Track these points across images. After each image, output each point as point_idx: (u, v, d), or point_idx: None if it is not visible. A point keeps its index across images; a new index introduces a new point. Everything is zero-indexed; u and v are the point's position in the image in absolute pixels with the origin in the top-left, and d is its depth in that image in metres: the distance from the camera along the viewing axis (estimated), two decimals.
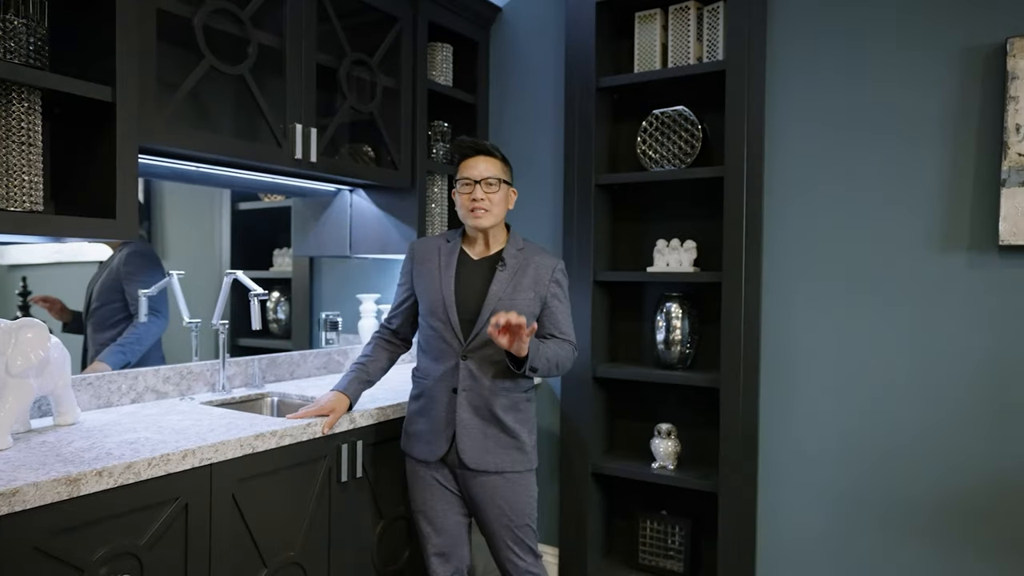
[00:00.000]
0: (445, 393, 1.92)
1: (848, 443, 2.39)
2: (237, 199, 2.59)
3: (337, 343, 2.83)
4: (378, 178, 2.54)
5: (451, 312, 1.91)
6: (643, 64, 2.71)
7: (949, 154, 2.20)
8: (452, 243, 2.01)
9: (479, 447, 1.90)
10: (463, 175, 1.95)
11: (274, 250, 2.83)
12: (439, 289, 1.94)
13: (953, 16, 2.18)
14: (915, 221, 2.26)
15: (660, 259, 2.70)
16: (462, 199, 1.95)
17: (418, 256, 2.02)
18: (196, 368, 2.24)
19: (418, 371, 2.02)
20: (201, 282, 2.42)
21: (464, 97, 2.93)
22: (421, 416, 1.97)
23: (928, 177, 2.24)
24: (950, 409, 2.21)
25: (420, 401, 1.99)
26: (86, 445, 1.58)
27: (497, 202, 1.94)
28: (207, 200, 2.53)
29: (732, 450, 2.44)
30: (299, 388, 2.40)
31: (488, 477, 1.92)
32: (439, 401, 1.93)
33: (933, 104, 2.22)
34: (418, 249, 2.04)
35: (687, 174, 2.56)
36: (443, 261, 1.97)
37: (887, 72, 2.30)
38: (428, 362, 1.97)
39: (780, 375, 2.51)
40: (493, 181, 1.93)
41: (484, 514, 1.96)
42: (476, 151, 1.97)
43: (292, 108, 2.16)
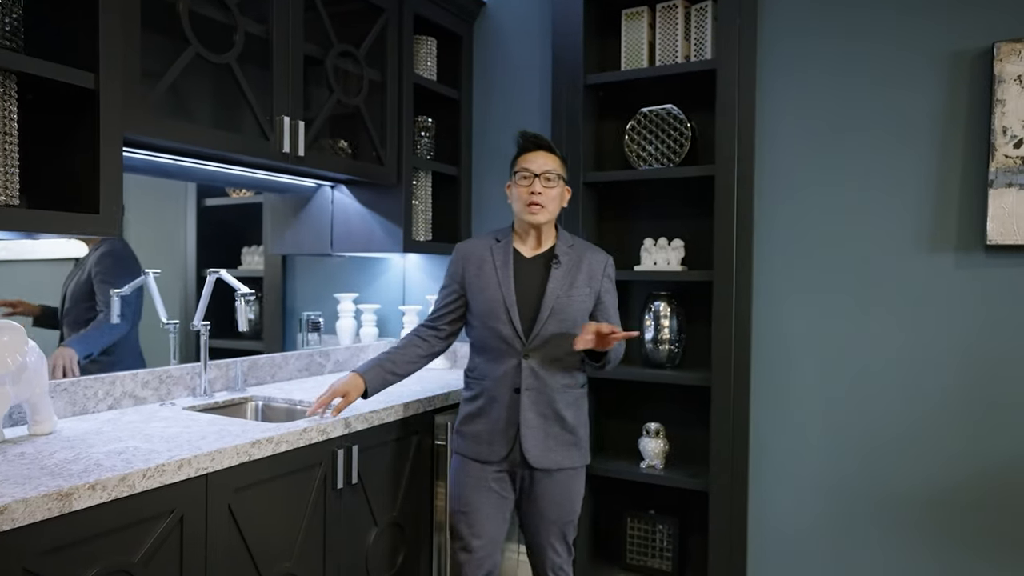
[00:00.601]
0: (507, 393, 1.91)
1: (838, 440, 2.43)
2: (203, 195, 2.49)
3: (319, 344, 2.74)
4: (365, 174, 2.46)
5: (512, 312, 1.90)
6: (630, 62, 2.69)
7: (937, 155, 2.24)
8: (503, 242, 1.99)
9: (542, 446, 1.91)
10: (522, 167, 1.93)
11: (243, 248, 2.73)
12: (498, 289, 1.92)
13: (942, 18, 2.23)
14: (904, 221, 2.30)
15: (647, 258, 2.69)
16: (519, 191, 1.93)
17: (469, 258, 1.99)
18: (176, 372, 2.13)
19: (473, 372, 2.01)
20: (165, 281, 2.31)
21: (448, 92, 2.87)
22: (480, 417, 1.95)
23: (917, 177, 2.28)
24: (939, 406, 2.26)
25: (478, 402, 1.96)
26: (71, 456, 1.47)
27: (553, 198, 1.94)
28: (171, 196, 2.41)
29: (723, 449, 2.45)
30: (283, 391, 2.31)
31: (548, 475, 1.93)
32: (500, 401, 1.91)
33: (922, 105, 2.26)
34: (467, 251, 2.01)
35: (677, 173, 2.55)
36: (499, 261, 1.95)
37: (877, 72, 2.34)
38: (486, 363, 1.95)
39: (770, 373, 2.53)
40: (552, 176, 1.92)
41: (536, 512, 1.96)
42: (537, 145, 1.96)
43: (279, 100, 2.07)
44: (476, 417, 1.96)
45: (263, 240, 2.75)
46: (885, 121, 2.33)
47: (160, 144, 1.85)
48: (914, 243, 2.28)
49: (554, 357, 1.91)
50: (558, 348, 1.90)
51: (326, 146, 2.53)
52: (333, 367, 2.75)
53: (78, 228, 1.56)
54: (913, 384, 2.30)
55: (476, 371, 1.99)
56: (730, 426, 2.44)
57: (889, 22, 2.32)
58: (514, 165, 1.97)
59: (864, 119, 2.36)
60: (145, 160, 2.04)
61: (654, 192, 2.77)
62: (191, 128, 1.87)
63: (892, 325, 2.33)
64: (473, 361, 2.01)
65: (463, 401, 2.03)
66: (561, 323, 1.90)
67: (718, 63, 2.44)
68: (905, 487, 2.31)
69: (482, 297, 1.94)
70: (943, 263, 2.24)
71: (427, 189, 2.81)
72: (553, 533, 1.97)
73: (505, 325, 1.90)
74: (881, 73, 2.33)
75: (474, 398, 1.98)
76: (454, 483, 2.01)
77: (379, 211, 2.63)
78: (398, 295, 3.14)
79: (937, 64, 2.24)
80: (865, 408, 2.38)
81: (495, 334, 1.91)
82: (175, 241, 2.43)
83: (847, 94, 2.39)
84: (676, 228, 2.73)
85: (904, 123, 2.30)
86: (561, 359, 1.92)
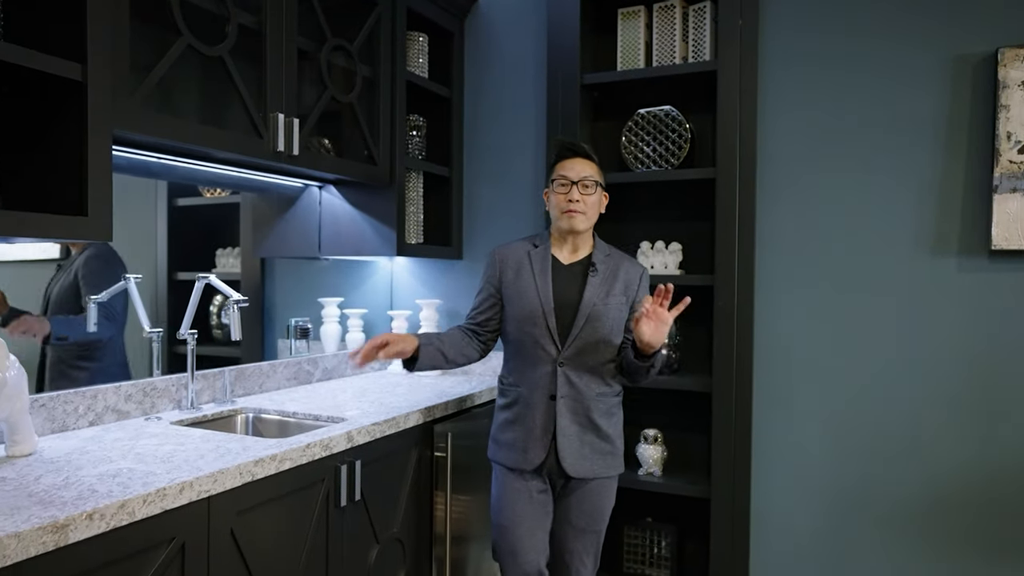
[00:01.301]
0: (542, 400, 1.89)
1: (841, 447, 2.42)
2: (175, 194, 2.36)
3: (307, 352, 2.62)
4: (358, 174, 2.36)
5: (550, 319, 1.88)
6: (626, 62, 2.65)
7: (941, 159, 2.24)
8: (541, 247, 1.97)
9: (577, 454, 1.88)
10: (561, 174, 1.92)
11: (217, 249, 2.61)
12: (536, 296, 1.90)
13: (946, 23, 2.23)
14: (907, 224, 2.30)
15: (644, 261, 2.64)
16: (557, 199, 1.91)
17: (506, 262, 1.97)
18: (160, 384, 2.00)
19: (508, 378, 1.98)
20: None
21: (439, 90, 2.78)
22: (515, 424, 1.93)
23: (920, 181, 2.28)
24: (942, 411, 2.26)
25: (513, 409, 1.93)
26: (59, 481, 1.35)
27: (591, 205, 1.93)
28: (141, 195, 2.28)
29: (725, 455, 2.42)
30: (273, 402, 2.20)
31: (583, 484, 1.91)
32: (536, 408, 1.89)
33: (926, 109, 2.26)
34: (505, 255, 1.98)
35: (677, 175, 2.52)
36: (537, 267, 1.93)
37: (881, 75, 2.34)
38: (521, 368, 1.93)
39: (771, 379, 2.51)
40: (590, 183, 1.91)
41: (569, 520, 1.94)
42: (575, 152, 1.94)
43: (273, 96, 1.96)
44: (512, 424, 1.93)
45: (240, 241, 2.63)
46: (888, 123, 2.33)
47: (149, 141, 1.73)
48: (917, 247, 2.28)
49: (589, 365, 1.89)
50: (593, 356, 1.89)
51: (313, 145, 2.42)
52: (322, 375, 2.64)
53: (65, 232, 1.44)
54: (916, 389, 2.30)
55: (511, 377, 1.96)
56: (732, 433, 2.41)
57: (893, 23, 2.31)
58: (551, 172, 1.96)
59: (867, 121, 2.36)
60: (128, 158, 1.91)
61: (651, 194, 2.73)
62: (181, 124, 1.75)
63: (894, 330, 2.32)
64: (507, 367, 1.98)
65: (498, 409, 2.00)
66: (597, 331, 1.89)
67: (720, 64, 2.41)
68: (909, 493, 2.31)
69: (519, 303, 1.92)
70: (946, 268, 2.24)
71: (419, 190, 2.72)
72: (582, 544, 1.94)
73: (542, 331, 1.88)
74: (885, 75, 2.33)
75: (509, 405, 1.95)
76: (496, 495, 1.97)
77: (370, 213, 2.53)
78: (385, 300, 3.04)
79: (941, 67, 2.24)
80: (868, 414, 2.37)
81: (531, 339, 1.89)
82: (145, 243, 2.29)
83: (850, 95, 2.38)
84: (673, 231, 2.69)
85: (908, 126, 2.29)
86: (596, 367, 1.91)
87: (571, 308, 1.89)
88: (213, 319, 2.65)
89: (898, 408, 2.33)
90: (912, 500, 2.31)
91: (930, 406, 2.28)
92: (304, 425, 2.04)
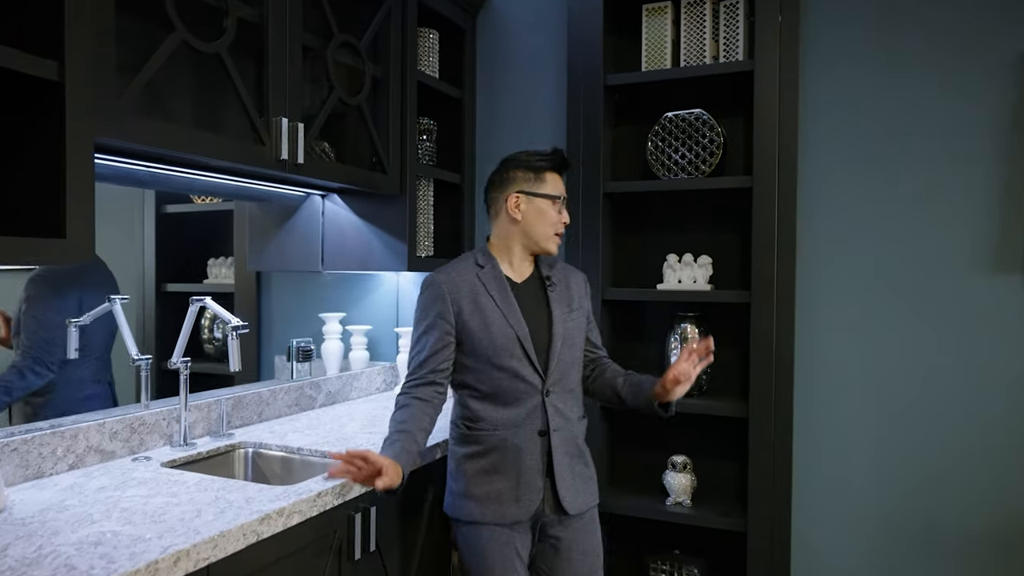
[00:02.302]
0: (530, 438, 1.67)
1: (889, 477, 2.24)
2: (163, 200, 2.17)
3: (309, 375, 2.42)
4: (368, 183, 2.16)
5: (527, 346, 1.67)
6: (651, 62, 2.46)
7: (1001, 168, 2.08)
8: (489, 268, 1.74)
9: (573, 487, 1.72)
10: (553, 192, 1.74)
11: (208, 259, 2.41)
12: (507, 324, 1.67)
13: (1008, 20, 2.06)
14: (964, 239, 2.13)
15: (671, 275, 2.46)
16: (552, 216, 1.74)
17: (458, 293, 1.69)
18: (149, 418, 1.80)
19: (477, 424, 1.69)
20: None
21: (450, 91, 2.59)
22: (496, 473, 1.67)
23: (979, 192, 2.11)
24: (1003, 441, 2.10)
25: (491, 457, 1.67)
26: (31, 552, 1.15)
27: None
28: (126, 201, 2.09)
29: (763, 485, 2.24)
30: (274, 435, 2.00)
31: (580, 520, 1.75)
32: (523, 449, 1.66)
33: (986, 113, 2.09)
34: (452, 284, 1.70)
35: (709, 184, 2.34)
36: (495, 291, 1.69)
37: (935, 76, 2.17)
38: (497, 409, 1.68)
39: (814, 404, 2.34)
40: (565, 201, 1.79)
41: (566, 563, 1.74)
42: (566, 167, 1.80)
43: (276, 99, 1.76)
44: (491, 474, 1.67)
45: (234, 251, 2.44)
46: (943, 129, 2.16)
47: (137, 149, 1.53)
48: (976, 263, 2.12)
49: (569, 388, 1.75)
50: (572, 378, 1.76)
51: (313, 151, 2.22)
52: (325, 399, 2.44)
53: (39, 257, 1.23)
54: (975, 417, 2.13)
55: (482, 422, 1.68)
56: (770, 462, 2.23)
57: (948, 19, 2.14)
58: (542, 182, 1.74)
59: (919, 126, 2.19)
60: (114, 167, 1.70)
61: (677, 204, 2.55)
62: (173, 130, 1.54)
63: (951, 353, 2.16)
64: (471, 410, 1.70)
65: (462, 459, 1.70)
66: (571, 350, 1.76)
67: (757, 64, 2.23)
68: (970, 531, 2.14)
69: (487, 336, 1.67)
70: (1007, 286, 2.07)
71: (429, 199, 2.53)
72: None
73: (522, 362, 1.67)
74: (939, 75, 2.16)
75: (483, 453, 1.68)
76: (475, 558, 1.67)
77: (378, 224, 2.34)
78: (391, 315, 2.85)
79: (1003, 69, 2.07)
80: (921, 444, 2.20)
81: (510, 374, 1.66)
82: (130, 253, 2.10)
83: (900, 98, 2.21)
84: (701, 243, 2.51)
85: (964, 132, 2.13)
86: (575, 389, 1.78)
87: (544, 331, 1.71)
88: (204, 332, 2.45)
89: (954, 437, 2.16)
90: (974, 538, 2.14)
91: (990, 436, 2.11)
92: (310, 463, 1.84)
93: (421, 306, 1.71)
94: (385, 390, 2.75)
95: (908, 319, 2.22)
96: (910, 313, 2.21)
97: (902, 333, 2.23)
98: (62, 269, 1.79)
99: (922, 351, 2.20)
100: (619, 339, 2.63)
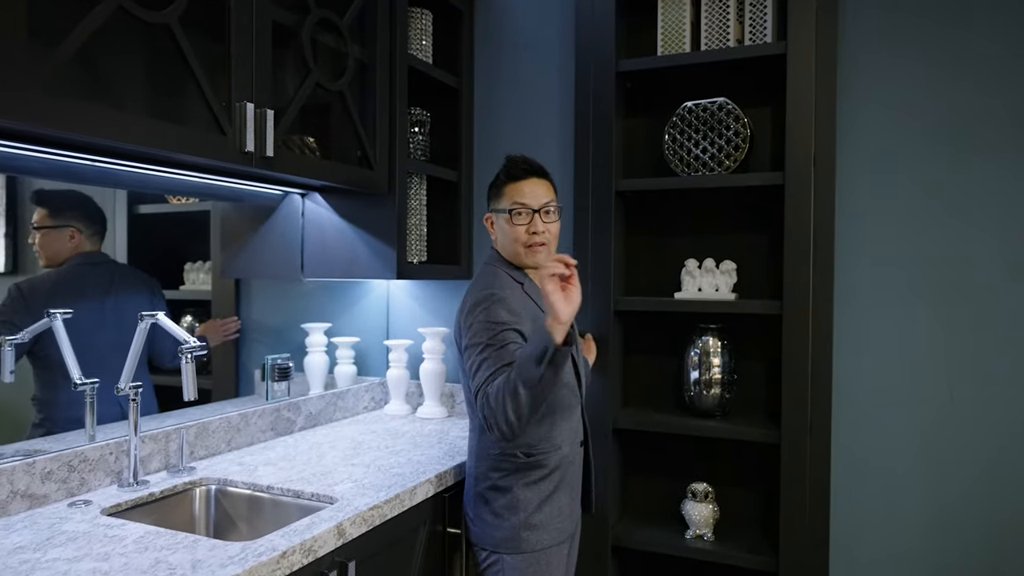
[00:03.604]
0: (575, 451, 1.69)
1: (946, 516, 1.99)
2: (135, 200, 1.94)
3: (287, 396, 2.16)
4: (351, 180, 1.91)
5: (577, 357, 1.70)
6: (668, 46, 2.21)
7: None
8: (529, 284, 1.67)
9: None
10: (518, 201, 1.63)
11: (185, 264, 2.18)
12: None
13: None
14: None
15: (691, 283, 2.22)
16: (517, 231, 1.63)
17: (515, 306, 1.56)
18: (92, 452, 1.54)
19: (538, 446, 1.60)
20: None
21: (445, 79, 2.33)
22: (557, 493, 1.63)
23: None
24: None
25: (553, 478, 1.62)
26: None
27: (555, 234, 1.69)
28: (96, 200, 1.86)
29: (796, 521, 1.99)
30: (243, 467, 1.74)
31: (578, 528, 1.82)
32: (574, 463, 1.68)
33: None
34: (513, 300, 1.56)
35: (734, 181, 2.09)
36: (542, 306, 1.55)
37: (992, 60, 1.92)
38: (556, 426, 1.63)
39: (855, 429, 2.09)
40: (551, 208, 1.66)
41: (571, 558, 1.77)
42: (530, 172, 1.66)
43: (240, 81, 1.51)
44: (554, 495, 1.63)
45: (211, 255, 2.20)
46: (1003, 119, 1.92)
47: (66, 138, 1.28)
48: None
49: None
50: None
51: (294, 144, 1.97)
52: (305, 422, 2.18)
53: None
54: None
55: (544, 442, 1.60)
56: (804, 496, 1.98)
57: (1006, 5, 1.90)
58: (500, 197, 1.66)
59: (974, 117, 1.95)
60: (44, 160, 1.45)
61: (697, 203, 2.30)
62: (112, 115, 1.29)
63: (1014, 368, 1.91)
64: (529, 435, 1.59)
65: (522, 489, 1.59)
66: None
67: (789, 48, 1.99)
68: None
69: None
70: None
71: (421, 199, 2.27)
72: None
73: (570, 374, 1.66)
74: (996, 59, 1.92)
75: (547, 476, 1.62)
76: None
77: (364, 226, 2.09)
78: (381, 326, 2.59)
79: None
80: (978, 476, 1.95)
81: (569, 389, 1.67)
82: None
83: (952, 85, 1.97)
84: (724, 247, 2.27)
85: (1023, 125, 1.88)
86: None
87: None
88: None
89: (1016, 474, 1.91)
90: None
91: None
92: (281, 503, 1.59)
93: (487, 318, 1.50)
94: (374, 408, 2.50)
95: (967, 334, 1.97)
96: (968, 327, 1.97)
97: (960, 350, 1.98)
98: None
99: (985, 372, 1.95)
100: (631, 354, 2.38)
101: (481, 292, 1.54)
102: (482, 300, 1.52)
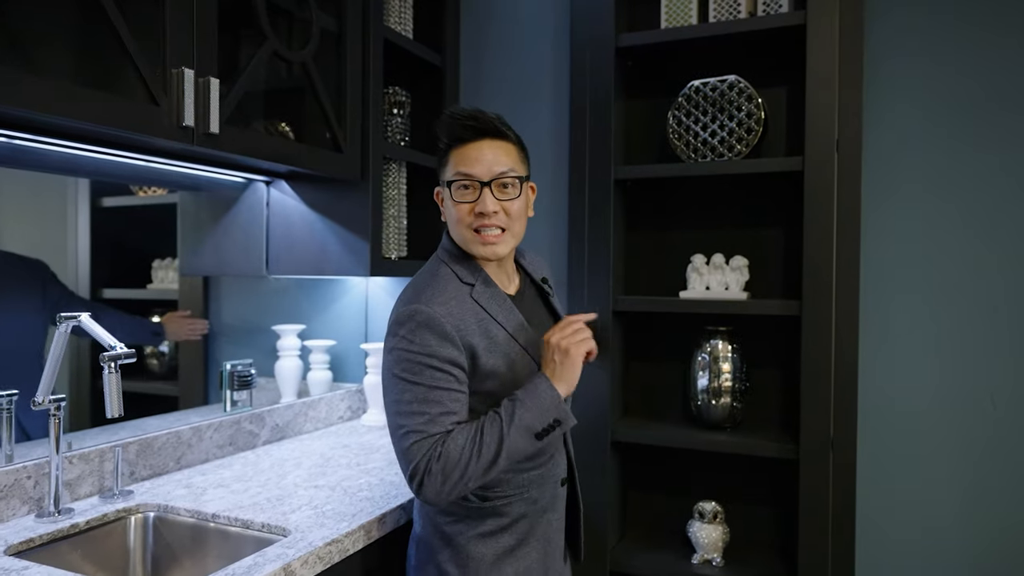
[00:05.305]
0: (553, 493, 1.32)
1: (981, 535, 1.79)
2: (99, 192, 1.75)
3: (249, 406, 1.95)
4: (315, 164, 1.69)
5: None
6: (673, 18, 2.00)
7: None
8: (482, 285, 1.25)
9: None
10: (460, 170, 1.22)
11: (153, 261, 1.99)
12: (529, 358, 1.25)
13: None
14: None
15: (697, 281, 2.01)
16: (459, 211, 1.23)
17: (465, 328, 1.19)
18: (6, 477, 1.33)
19: (495, 490, 1.24)
20: None
21: (428, 56, 2.12)
22: (522, 547, 1.27)
23: None
24: None
25: (515, 531, 1.27)
26: None
27: (517, 214, 1.24)
28: (56, 192, 1.67)
29: (819, 547, 1.78)
30: (190, 490, 1.53)
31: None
32: (549, 510, 1.32)
33: None
34: (455, 317, 1.18)
35: (746, 167, 1.88)
36: (500, 316, 1.24)
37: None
38: (521, 464, 1.25)
39: (883, 444, 1.88)
40: (510, 181, 1.23)
41: None
42: (480, 132, 1.22)
43: (177, 44, 1.29)
44: (517, 550, 1.27)
45: (178, 252, 2.01)
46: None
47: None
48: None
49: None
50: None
51: (259, 128, 1.75)
52: (271, 435, 1.97)
53: None
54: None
55: (504, 485, 1.25)
56: (827, 518, 1.77)
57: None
58: (445, 165, 1.26)
59: (1018, 95, 1.73)
60: None
61: (704, 192, 2.10)
62: (24, 82, 1.07)
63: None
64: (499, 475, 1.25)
65: (472, 542, 1.25)
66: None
67: (808, 18, 1.78)
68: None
69: (512, 377, 1.22)
70: None
71: (400, 187, 2.06)
72: None
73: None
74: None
75: (507, 527, 1.26)
76: None
77: (335, 218, 1.87)
78: (359, 328, 2.38)
79: None
80: (1012, 487, 1.74)
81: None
82: (59, 254, 1.67)
83: (993, 61, 1.76)
84: (735, 241, 2.07)
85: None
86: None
87: None
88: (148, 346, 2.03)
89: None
90: None
91: None
92: (229, 535, 1.37)
93: (409, 348, 1.15)
94: (350, 418, 2.28)
95: (1007, 336, 1.76)
96: (1008, 328, 1.76)
97: (995, 353, 1.77)
98: None
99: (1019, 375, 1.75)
100: (632, 359, 2.18)
101: (407, 305, 1.17)
102: (405, 319, 1.16)
